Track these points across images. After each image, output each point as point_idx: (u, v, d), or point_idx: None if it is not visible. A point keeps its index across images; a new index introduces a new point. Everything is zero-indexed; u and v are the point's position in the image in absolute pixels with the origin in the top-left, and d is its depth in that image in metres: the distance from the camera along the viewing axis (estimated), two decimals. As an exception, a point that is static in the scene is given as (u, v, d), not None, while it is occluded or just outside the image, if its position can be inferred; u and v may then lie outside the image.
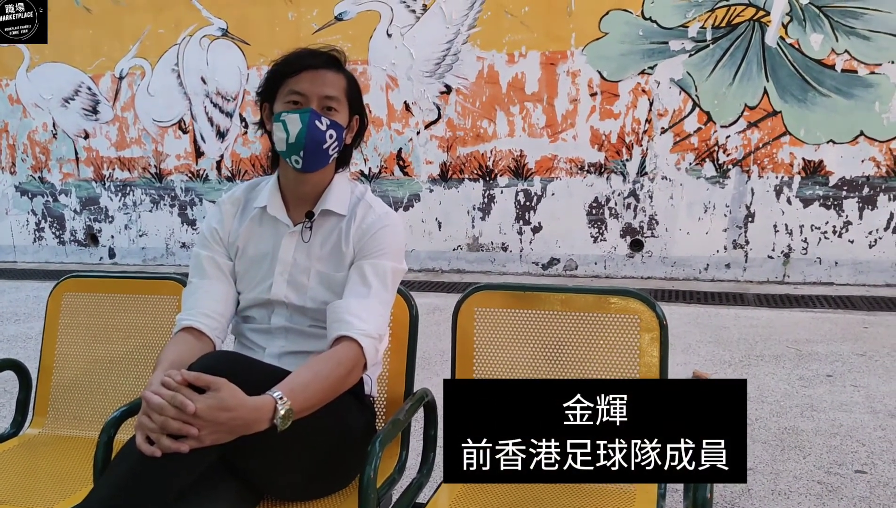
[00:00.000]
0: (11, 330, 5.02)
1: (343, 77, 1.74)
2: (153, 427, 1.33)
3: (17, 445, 2.08)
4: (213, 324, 1.72)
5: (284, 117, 1.66)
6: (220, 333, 1.75)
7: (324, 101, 1.68)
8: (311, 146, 1.66)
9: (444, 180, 6.32)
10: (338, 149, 1.74)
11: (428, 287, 5.89)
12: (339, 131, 1.71)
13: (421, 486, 1.82)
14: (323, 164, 1.72)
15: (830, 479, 2.67)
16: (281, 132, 1.66)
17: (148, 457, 1.35)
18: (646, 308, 1.76)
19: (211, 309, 1.73)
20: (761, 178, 5.61)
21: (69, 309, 2.26)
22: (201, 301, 1.74)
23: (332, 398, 1.57)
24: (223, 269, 1.79)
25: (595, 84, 5.82)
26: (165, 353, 1.62)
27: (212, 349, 1.71)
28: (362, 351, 1.61)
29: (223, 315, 1.75)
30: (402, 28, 6.17)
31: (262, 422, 1.40)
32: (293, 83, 1.68)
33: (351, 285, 1.70)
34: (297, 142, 1.66)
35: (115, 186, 7.36)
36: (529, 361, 1.85)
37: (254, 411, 1.38)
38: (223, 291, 1.77)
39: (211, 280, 1.77)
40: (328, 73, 1.70)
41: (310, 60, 1.70)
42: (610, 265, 6.03)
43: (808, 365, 3.86)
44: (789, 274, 5.67)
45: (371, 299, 1.67)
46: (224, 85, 6.80)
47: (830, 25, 5.29)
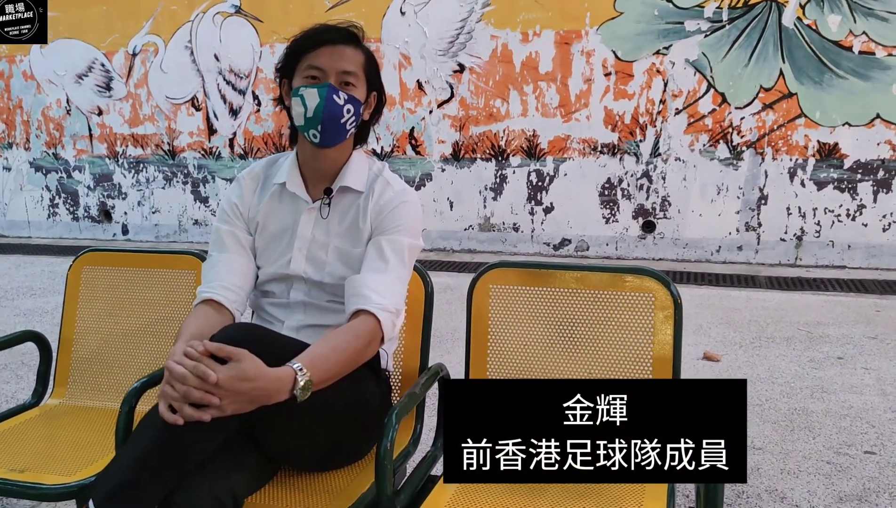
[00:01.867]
0: (28, 303, 5.07)
1: (361, 53, 1.74)
2: (176, 395, 1.36)
3: (38, 415, 2.12)
4: (233, 297, 1.74)
5: (303, 91, 1.67)
6: (240, 306, 1.77)
7: (342, 76, 1.69)
8: (329, 120, 1.67)
9: (457, 160, 6.32)
10: (355, 124, 1.75)
11: (439, 266, 5.91)
12: (356, 106, 1.72)
13: (435, 459, 1.84)
14: (341, 139, 1.73)
15: (840, 459, 2.68)
16: (299, 106, 1.68)
17: (170, 427, 1.37)
18: (660, 286, 1.77)
19: (230, 282, 1.75)
20: (775, 161, 5.58)
21: (88, 283, 2.29)
22: (221, 274, 1.76)
23: (350, 370, 1.59)
24: (243, 243, 1.81)
25: (609, 64, 5.79)
26: (187, 325, 1.65)
27: (231, 321, 1.73)
28: (380, 325, 1.63)
29: (242, 288, 1.78)
30: (416, 6, 6.14)
31: (283, 393, 1.42)
32: (311, 58, 1.69)
33: (368, 260, 1.72)
34: (314, 116, 1.67)
35: (128, 163, 7.39)
36: (544, 339, 1.87)
37: (274, 381, 1.41)
38: (242, 265, 1.80)
39: (230, 254, 1.79)
40: (346, 49, 1.71)
41: (328, 36, 1.70)
42: (622, 246, 6.03)
43: (819, 348, 3.86)
44: (801, 256, 5.65)
45: (388, 274, 1.69)
46: (237, 62, 6.80)
47: (848, 6, 5.24)
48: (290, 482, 1.67)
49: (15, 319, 4.70)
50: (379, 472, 1.46)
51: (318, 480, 1.68)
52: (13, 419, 2.07)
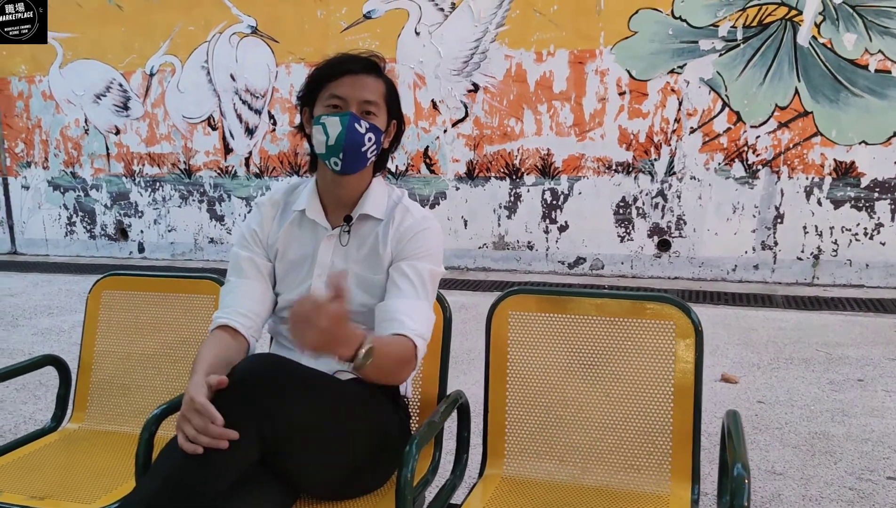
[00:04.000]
0: (46, 323, 5.10)
1: (382, 82, 1.76)
2: (193, 433, 1.37)
3: (57, 439, 2.12)
4: (248, 324, 1.75)
5: (324, 120, 1.69)
6: (255, 332, 1.78)
7: (363, 106, 1.70)
8: (350, 148, 1.68)
9: (471, 178, 6.33)
10: (376, 153, 1.76)
11: (454, 285, 5.90)
12: (377, 135, 1.73)
13: (455, 487, 1.83)
14: (361, 167, 1.74)
15: (862, 485, 2.64)
16: (321, 135, 1.69)
17: (190, 458, 1.38)
18: (681, 314, 1.76)
19: (247, 308, 1.76)
20: (791, 179, 5.55)
21: (108, 307, 2.30)
22: (238, 300, 1.77)
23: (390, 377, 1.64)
24: (261, 270, 1.82)
25: (624, 83, 5.79)
26: (202, 353, 1.65)
27: (246, 347, 1.74)
28: (416, 352, 1.64)
29: (259, 314, 1.78)
30: (431, 26, 6.18)
31: (351, 345, 1.45)
32: (334, 87, 1.70)
33: (396, 286, 1.72)
34: (336, 144, 1.68)
35: (144, 182, 7.45)
36: (563, 366, 1.86)
37: (350, 331, 1.44)
38: (260, 291, 1.80)
39: (249, 280, 1.80)
40: (368, 78, 1.73)
41: (350, 65, 1.72)
42: (637, 265, 6.01)
43: (838, 369, 3.82)
44: (819, 276, 5.61)
45: (419, 301, 1.71)
46: (253, 82, 6.86)
47: (864, 25, 5.22)
48: (310, 510, 1.66)
49: (32, 338, 4.73)
50: (399, 502, 1.45)
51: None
52: (33, 444, 2.08)
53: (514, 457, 1.87)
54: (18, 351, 4.47)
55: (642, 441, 1.78)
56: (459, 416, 1.90)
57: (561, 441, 1.84)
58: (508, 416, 1.88)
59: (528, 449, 1.87)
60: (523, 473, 1.85)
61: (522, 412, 1.88)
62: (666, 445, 1.77)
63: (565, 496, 1.75)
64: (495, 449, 1.88)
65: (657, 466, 1.77)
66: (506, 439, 1.88)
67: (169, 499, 1.37)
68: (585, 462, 1.82)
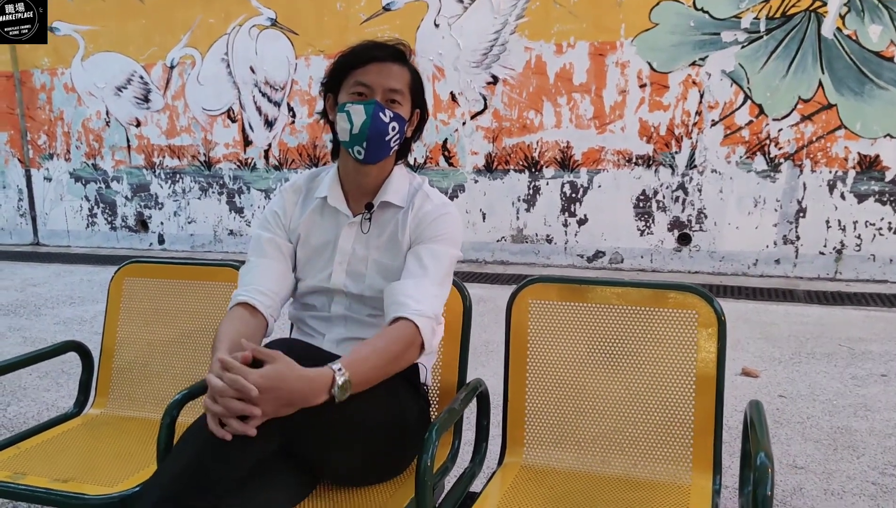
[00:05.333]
0: (68, 312, 5.16)
1: (408, 71, 1.75)
2: (220, 410, 1.36)
3: (80, 424, 2.15)
4: (268, 302, 1.74)
5: (349, 108, 1.68)
6: (274, 311, 1.77)
7: (388, 94, 1.70)
8: (374, 137, 1.68)
9: (490, 171, 6.31)
10: (399, 142, 1.75)
11: (472, 278, 5.89)
12: (401, 124, 1.72)
13: (474, 475, 1.83)
14: (384, 156, 1.74)
15: (885, 480, 2.61)
16: (345, 122, 1.68)
17: (212, 442, 1.38)
18: (704, 303, 1.75)
19: (266, 286, 1.76)
20: (814, 173, 5.48)
21: (129, 294, 2.32)
22: (257, 278, 1.77)
23: (388, 373, 1.58)
24: (282, 250, 1.82)
25: (644, 75, 5.75)
26: (222, 331, 1.64)
27: (265, 326, 1.74)
28: (418, 331, 1.62)
29: (277, 293, 1.78)
30: (450, 18, 6.16)
31: (321, 393, 1.41)
32: (359, 74, 1.70)
33: (407, 268, 1.72)
34: (360, 132, 1.67)
35: (165, 174, 7.50)
36: (584, 355, 1.85)
37: (311, 381, 1.40)
38: (280, 271, 1.80)
39: (269, 259, 1.80)
40: (394, 66, 1.72)
41: (376, 53, 1.71)
42: (657, 259, 5.97)
43: (861, 364, 3.77)
44: (841, 270, 5.54)
45: (426, 280, 1.68)
46: (272, 74, 6.88)
47: (889, 16, 5.14)
48: (329, 496, 1.67)
49: (55, 327, 4.78)
50: (419, 488, 1.45)
51: (357, 495, 1.67)
52: (56, 428, 2.10)
53: (533, 446, 1.86)
54: (41, 339, 4.51)
55: (663, 431, 1.77)
56: (479, 404, 1.89)
57: (581, 430, 1.83)
58: (528, 405, 1.87)
59: (547, 438, 1.86)
60: (542, 462, 1.84)
61: (542, 400, 1.87)
62: (687, 435, 1.75)
63: (585, 485, 1.74)
64: (515, 438, 1.88)
65: (678, 456, 1.76)
66: (525, 427, 1.87)
67: (188, 484, 1.37)
68: (605, 451, 1.81)
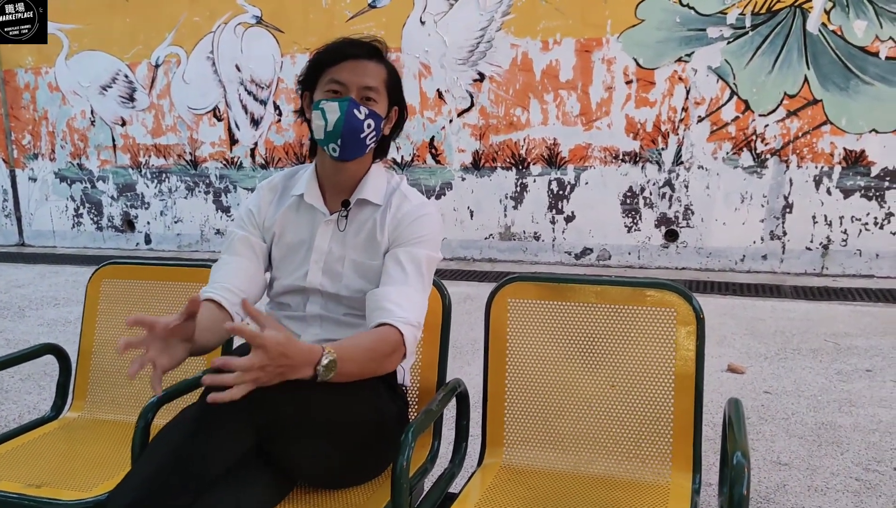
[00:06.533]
0: (52, 314, 5.11)
1: (384, 68, 1.73)
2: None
3: (56, 428, 2.12)
4: (234, 299, 1.72)
5: (323, 105, 1.66)
6: (240, 310, 1.74)
7: (363, 91, 1.68)
8: (349, 134, 1.66)
9: (477, 168, 6.30)
10: (375, 139, 1.74)
11: (459, 275, 5.88)
12: (377, 121, 1.71)
13: (453, 476, 1.82)
14: (360, 153, 1.72)
15: (869, 476, 2.61)
16: (319, 120, 1.67)
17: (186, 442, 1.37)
18: (682, 301, 1.74)
19: (234, 284, 1.74)
20: (800, 168, 5.50)
21: (108, 295, 2.29)
22: (226, 276, 1.75)
23: (370, 373, 1.56)
24: (255, 250, 1.80)
25: (631, 71, 5.74)
26: None
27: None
28: (402, 339, 1.61)
29: (245, 292, 1.75)
30: (436, 15, 6.14)
31: (307, 366, 1.38)
32: (334, 72, 1.68)
33: (388, 273, 1.70)
34: (334, 130, 1.66)
35: (151, 173, 7.45)
36: (564, 353, 1.84)
37: (304, 353, 1.38)
38: (250, 270, 1.78)
39: (240, 257, 1.79)
40: (369, 64, 1.70)
41: (351, 50, 1.70)
42: (644, 255, 5.97)
43: (846, 360, 3.78)
44: (828, 265, 5.56)
45: (409, 287, 1.67)
46: (258, 73, 6.84)
47: (874, 11, 5.15)
48: (305, 499, 1.65)
49: (38, 329, 4.74)
50: (395, 491, 1.44)
51: (334, 498, 1.66)
52: (32, 432, 2.08)
53: (513, 446, 1.85)
54: (24, 341, 4.47)
55: (643, 430, 1.76)
56: (458, 404, 1.88)
57: (560, 429, 1.82)
58: (507, 404, 1.86)
59: (527, 438, 1.85)
60: (522, 462, 1.83)
61: (522, 400, 1.86)
62: (667, 434, 1.74)
63: (564, 485, 1.73)
64: (494, 438, 1.87)
65: (658, 455, 1.75)
66: (505, 427, 1.86)
67: (162, 485, 1.36)
68: (585, 450, 1.80)
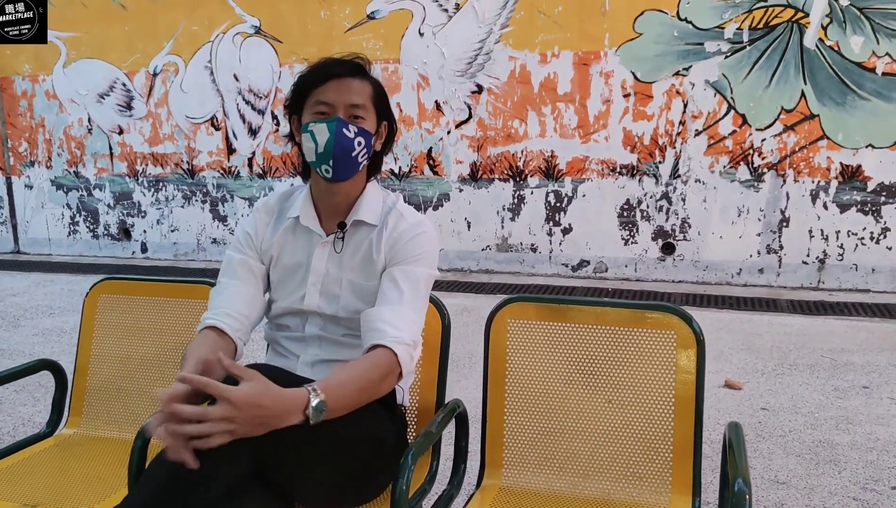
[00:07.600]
0: (47, 323, 5.09)
1: (369, 84, 1.73)
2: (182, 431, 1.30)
3: (52, 445, 2.11)
4: (236, 325, 1.72)
5: (312, 127, 1.66)
6: (243, 335, 1.75)
7: (350, 110, 1.68)
8: (340, 154, 1.66)
9: (474, 180, 6.30)
10: (367, 157, 1.74)
11: (456, 287, 5.88)
12: (367, 138, 1.71)
13: (452, 498, 1.81)
14: (353, 172, 1.72)
15: (867, 495, 2.61)
16: (310, 142, 1.67)
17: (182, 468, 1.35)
18: (682, 323, 1.73)
19: (235, 309, 1.73)
20: (797, 183, 5.51)
21: (105, 311, 2.28)
22: (226, 301, 1.75)
23: (365, 401, 1.55)
24: (254, 272, 1.80)
25: (628, 85, 5.76)
26: (189, 353, 1.61)
27: (233, 350, 1.71)
28: (397, 360, 1.60)
29: (247, 317, 1.75)
30: (435, 27, 6.15)
31: (295, 414, 1.38)
32: (319, 93, 1.68)
33: (383, 292, 1.70)
34: (325, 151, 1.66)
35: (147, 182, 7.44)
36: (563, 374, 1.83)
37: (286, 401, 1.37)
38: (250, 293, 1.78)
39: (239, 281, 1.78)
40: (354, 81, 1.70)
41: (334, 69, 1.70)
42: (641, 268, 5.97)
43: (843, 376, 3.78)
44: (824, 280, 5.57)
45: (403, 306, 1.66)
46: (256, 82, 6.84)
47: (871, 27, 5.18)
48: (304, 521, 1.64)
49: (33, 339, 4.72)
50: (394, 515, 1.43)
51: (332, 520, 1.65)
52: (27, 449, 2.07)
53: (512, 467, 1.85)
54: (19, 351, 4.45)
55: (643, 452, 1.76)
56: (457, 425, 1.87)
57: (560, 451, 1.81)
58: (507, 426, 1.86)
59: (526, 459, 1.84)
60: (522, 483, 1.82)
61: (521, 421, 1.85)
62: (667, 456, 1.74)
63: (564, 506, 1.72)
64: (493, 459, 1.86)
65: (658, 477, 1.74)
66: (504, 449, 1.86)
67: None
68: (585, 472, 1.79)
